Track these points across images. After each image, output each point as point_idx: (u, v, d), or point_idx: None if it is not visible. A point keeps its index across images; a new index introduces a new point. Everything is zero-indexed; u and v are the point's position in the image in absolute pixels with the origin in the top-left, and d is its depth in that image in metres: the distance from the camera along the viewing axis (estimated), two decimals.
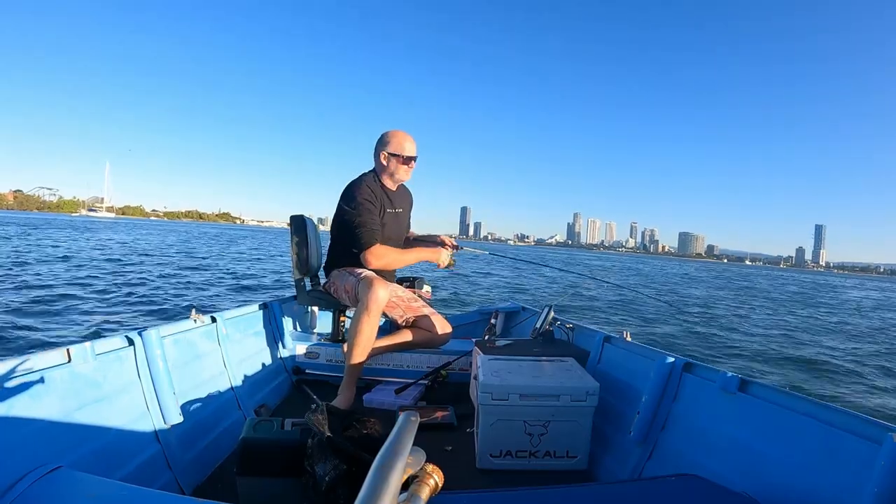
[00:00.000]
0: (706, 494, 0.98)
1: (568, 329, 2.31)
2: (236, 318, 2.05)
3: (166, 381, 1.40)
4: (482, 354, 1.90)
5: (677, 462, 1.37)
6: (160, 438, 1.35)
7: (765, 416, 1.18)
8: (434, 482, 0.44)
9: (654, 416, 1.51)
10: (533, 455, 1.61)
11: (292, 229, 2.48)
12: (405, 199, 2.46)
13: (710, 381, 1.37)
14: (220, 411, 1.68)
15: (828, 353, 7.40)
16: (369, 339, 2.05)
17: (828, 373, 6.01)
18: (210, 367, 1.74)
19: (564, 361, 1.84)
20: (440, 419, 1.92)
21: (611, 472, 1.57)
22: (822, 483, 0.98)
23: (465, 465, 1.61)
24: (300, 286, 2.48)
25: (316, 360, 2.37)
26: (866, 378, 5.88)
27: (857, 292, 33.07)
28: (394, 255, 2.24)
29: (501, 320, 3.15)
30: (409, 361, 2.32)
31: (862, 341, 9.09)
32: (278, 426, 1.29)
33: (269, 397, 2.05)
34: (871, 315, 15.47)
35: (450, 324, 2.39)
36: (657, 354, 1.60)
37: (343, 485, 1.14)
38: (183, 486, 1.34)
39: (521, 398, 1.57)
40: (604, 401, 1.64)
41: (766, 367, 6.11)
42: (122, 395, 1.29)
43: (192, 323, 1.70)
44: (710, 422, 1.34)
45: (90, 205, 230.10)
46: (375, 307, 2.02)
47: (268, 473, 1.23)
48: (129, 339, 1.37)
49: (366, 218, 2.15)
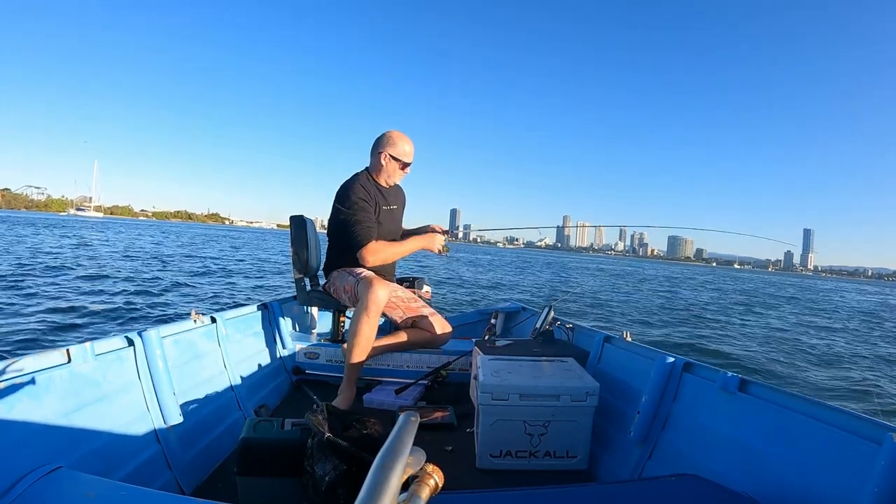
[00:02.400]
0: (706, 494, 0.98)
1: (568, 329, 2.31)
2: (236, 318, 2.05)
3: (166, 381, 1.40)
4: (482, 354, 1.90)
5: (677, 462, 1.37)
6: (160, 438, 1.35)
7: (765, 416, 1.18)
8: (434, 482, 0.44)
9: (655, 416, 1.51)
10: (533, 455, 1.61)
11: (292, 229, 2.48)
12: (399, 196, 2.47)
13: (710, 381, 1.37)
14: (220, 411, 1.68)
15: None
16: (369, 340, 2.05)
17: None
18: (210, 367, 1.74)
19: (564, 361, 1.84)
20: (440, 419, 1.92)
21: (611, 472, 1.57)
22: (822, 483, 0.98)
23: (465, 465, 1.61)
24: (300, 286, 2.48)
25: (316, 361, 2.37)
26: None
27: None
28: (390, 249, 2.24)
29: (501, 320, 3.15)
30: (409, 361, 2.32)
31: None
32: (278, 426, 1.29)
33: (269, 397, 2.05)
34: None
35: (450, 324, 2.40)
36: (657, 354, 1.60)
37: (343, 485, 1.14)
38: (183, 486, 1.34)
39: (521, 398, 1.57)
40: (604, 401, 1.64)
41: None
42: (122, 395, 1.29)
43: (191, 323, 1.70)
44: (711, 422, 1.34)
45: (78, 204, 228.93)
46: (375, 307, 2.02)
47: (268, 473, 1.23)
48: (128, 340, 1.37)
49: (361, 216, 2.16)
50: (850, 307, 20.91)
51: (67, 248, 15.88)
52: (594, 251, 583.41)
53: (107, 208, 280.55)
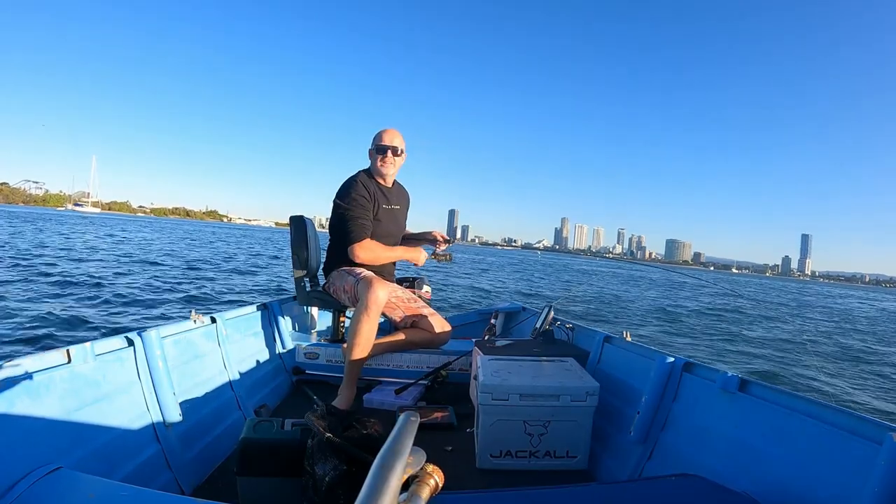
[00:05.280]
0: (706, 494, 0.98)
1: (568, 329, 2.31)
2: (236, 318, 2.05)
3: (166, 381, 1.40)
4: (482, 354, 1.90)
5: (677, 462, 1.37)
6: (160, 438, 1.35)
7: (765, 416, 1.18)
8: (434, 482, 0.44)
9: (655, 416, 1.51)
10: (533, 455, 1.61)
11: (292, 229, 2.48)
12: (402, 196, 2.47)
13: (710, 381, 1.37)
14: (220, 411, 1.68)
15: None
16: (369, 340, 2.05)
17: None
18: (210, 367, 1.74)
19: (564, 361, 1.84)
20: (440, 419, 1.92)
21: (611, 472, 1.57)
22: (822, 483, 0.98)
23: (465, 465, 1.61)
24: (300, 286, 2.48)
25: (316, 361, 2.37)
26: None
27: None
28: (380, 251, 2.26)
29: (501, 320, 3.15)
30: (409, 361, 2.32)
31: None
32: (278, 426, 1.29)
33: (269, 397, 2.05)
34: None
35: (449, 324, 2.40)
36: (657, 354, 1.60)
37: (343, 485, 1.14)
38: (183, 486, 1.34)
39: (521, 398, 1.57)
40: (604, 401, 1.64)
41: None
42: (122, 395, 1.29)
43: (191, 323, 1.70)
44: (711, 422, 1.34)
45: (76, 199, 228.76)
46: (375, 307, 2.03)
47: (268, 473, 1.23)
48: (128, 340, 1.37)
49: (357, 213, 2.18)
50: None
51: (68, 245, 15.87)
52: (592, 254, 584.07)
53: (105, 204, 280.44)
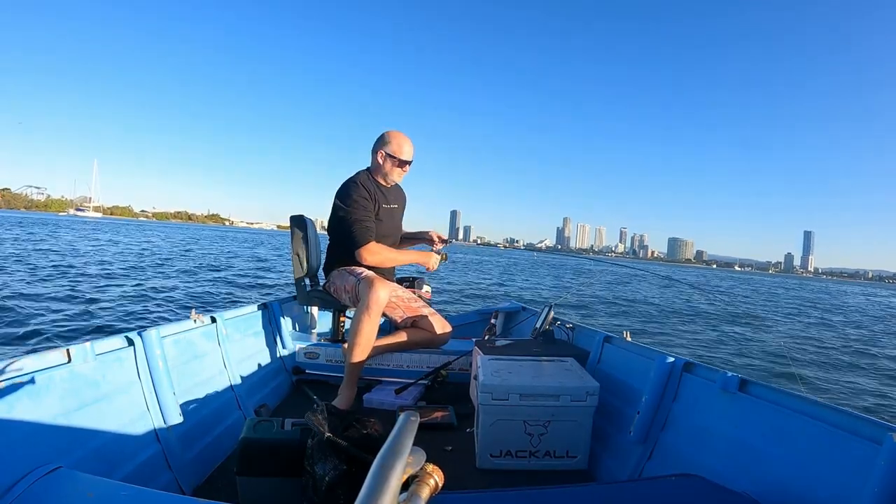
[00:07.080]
0: (706, 494, 0.98)
1: (568, 329, 2.31)
2: (236, 318, 2.05)
3: (166, 381, 1.40)
4: (482, 354, 1.90)
5: (677, 462, 1.37)
6: (160, 438, 1.35)
7: (765, 416, 1.18)
8: (434, 482, 0.44)
9: (655, 416, 1.51)
10: (533, 455, 1.61)
11: (292, 229, 2.48)
12: (399, 196, 2.47)
13: (711, 381, 1.37)
14: (220, 411, 1.68)
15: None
16: (369, 339, 2.05)
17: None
18: (210, 367, 1.74)
19: (564, 361, 1.84)
20: (440, 419, 1.92)
21: (611, 472, 1.57)
22: (822, 483, 0.98)
23: (465, 465, 1.61)
24: (300, 286, 2.48)
25: (316, 360, 2.37)
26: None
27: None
28: (388, 254, 2.26)
29: (501, 320, 3.15)
30: (409, 361, 2.32)
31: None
32: (278, 426, 1.29)
33: (269, 397, 2.05)
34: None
35: (450, 324, 2.40)
36: (657, 354, 1.60)
37: (343, 485, 1.14)
38: (183, 486, 1.34)
39: (521, 398, 1.57)
40: (604, 401, 1.64)
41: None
42: (122, 395, 1.29)
43: (191, 323, 1.70)
44: (711, 422, 1.34)
45: (78, 204, 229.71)
46: (376, 307, 2.02)
47: (268, 473, 1.23)
48: (128, 340, 1.37)
49: (360, 215, 2.18)
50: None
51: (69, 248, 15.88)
52: (594, 253, 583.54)
53: (106, 208, 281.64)
